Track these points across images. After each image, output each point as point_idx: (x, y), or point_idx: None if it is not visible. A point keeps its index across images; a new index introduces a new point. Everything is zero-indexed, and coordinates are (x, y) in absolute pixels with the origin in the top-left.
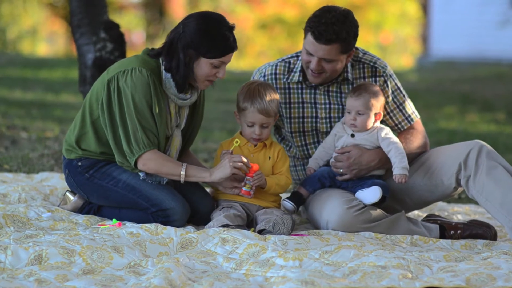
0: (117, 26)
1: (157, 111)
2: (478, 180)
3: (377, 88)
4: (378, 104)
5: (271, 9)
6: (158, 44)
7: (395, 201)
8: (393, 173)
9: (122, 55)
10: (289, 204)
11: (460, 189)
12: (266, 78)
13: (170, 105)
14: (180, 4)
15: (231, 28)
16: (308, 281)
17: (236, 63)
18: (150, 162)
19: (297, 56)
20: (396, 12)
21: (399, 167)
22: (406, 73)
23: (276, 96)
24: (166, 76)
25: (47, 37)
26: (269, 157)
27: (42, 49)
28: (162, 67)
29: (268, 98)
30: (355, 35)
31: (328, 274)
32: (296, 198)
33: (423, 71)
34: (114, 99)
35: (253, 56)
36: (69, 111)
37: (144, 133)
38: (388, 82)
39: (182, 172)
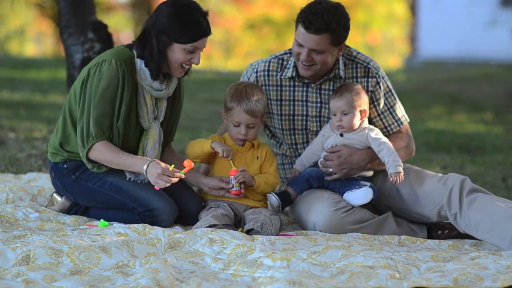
0: (105, 26)
1: (123, 101)
2: (465, 216)
3: (359, 86)
4: (361, 101)
5: (259, 9)
6: None
7: (383, 202)
8: (388, 173)
9: None
10: (274, 198)
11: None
12: (258, 74)
13: (145, 96)
14: None
15: (204, 13)
16: (296, 281)
17: (224, 63)
18: (98, 152)
19: (290, 53)
20: (384, 13)
21: (393, 165)
22: (394, 73)
23: (264, 97)
24: (141, 66)
25: (35, 38)
26: (257, 157)
27: (30, 49)
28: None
29: (255, 98)
30: (346, 27)
31: (316, 274)
32: (283, 196)
33: (411, 72)
34: (83, 92)
35: (241, 56)
36: (57, 112)
37: (97, 124)
38: (381, 84)
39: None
